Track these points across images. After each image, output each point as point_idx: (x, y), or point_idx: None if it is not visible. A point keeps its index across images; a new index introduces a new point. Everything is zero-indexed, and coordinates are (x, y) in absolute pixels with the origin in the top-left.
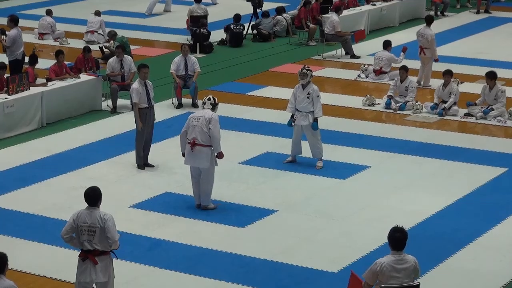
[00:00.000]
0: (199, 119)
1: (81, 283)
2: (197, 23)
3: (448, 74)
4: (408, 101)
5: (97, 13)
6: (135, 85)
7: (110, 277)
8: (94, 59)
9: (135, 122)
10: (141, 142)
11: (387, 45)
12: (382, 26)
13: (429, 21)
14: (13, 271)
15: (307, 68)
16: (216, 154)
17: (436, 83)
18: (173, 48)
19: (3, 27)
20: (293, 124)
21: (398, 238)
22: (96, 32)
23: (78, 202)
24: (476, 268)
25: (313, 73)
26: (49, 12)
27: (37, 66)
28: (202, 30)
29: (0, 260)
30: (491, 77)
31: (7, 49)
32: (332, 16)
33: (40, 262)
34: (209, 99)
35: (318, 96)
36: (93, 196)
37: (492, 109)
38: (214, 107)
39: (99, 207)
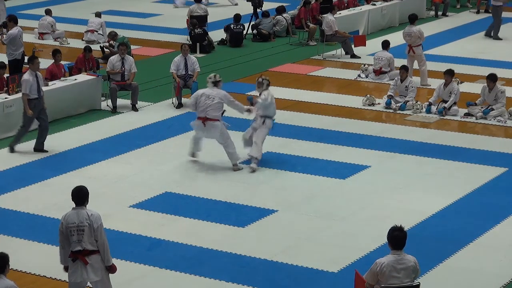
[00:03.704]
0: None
1: (72, 283)
2: (194, 24)
3: (449, 73)
4: (408, 101)
5: (98, 15)
6: (26, 76)
7: (103, 275)
8: (95, 58)
9: (25, 111)
10: (26, 131)
11: (386, 45)
12: (382, 26)
13: (413, 19)
14: (13, 271)
15: (264, 78)
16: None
17: (436, 82)
18: (173, 48)
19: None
20: None
21: (397, 237)
22: (96, 31)
23: None
24: (476, 268)
25: (313, 73)
26: (48, 12)
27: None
28: (196, 30)
29: (1, 260)
30: (492, 79)
31: (7, 48)
32: (327, 16)
33: (40, 262)
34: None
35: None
36: (80, 196)
37: (492, 109)
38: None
39: (86, 206)
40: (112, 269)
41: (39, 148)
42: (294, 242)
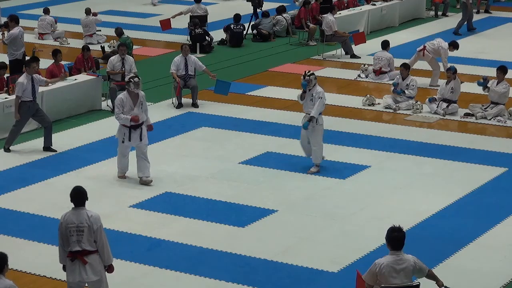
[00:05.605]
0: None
1: (70, 283)
2: (195, 23)
3: (449, 70)
4: (409, 96)
5: (87, 12)
6: (21, 79)
7: (102, 275)
8: (94, 58)
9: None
10: (18, 131)
11: (386, 45)
12: (382, 26)
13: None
14: (13, 271)
15: (308, 74)
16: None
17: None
18: (173, 48)
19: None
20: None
21: (396, 238)
22: (95, 33)
23: None
24: (476, 268)
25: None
26: (46, 11)
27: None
28: (197, 30)
29: (0, 259)
30: (503, 71)
31: (8, 48)
32: (327, 16)
33: (40, 262)
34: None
35: (320, 98)
36: (78, 196)
37: (494, 104)
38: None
39: (85, 207)
40: (110, 268)
41: (47, 146)
42: (294, 242)
